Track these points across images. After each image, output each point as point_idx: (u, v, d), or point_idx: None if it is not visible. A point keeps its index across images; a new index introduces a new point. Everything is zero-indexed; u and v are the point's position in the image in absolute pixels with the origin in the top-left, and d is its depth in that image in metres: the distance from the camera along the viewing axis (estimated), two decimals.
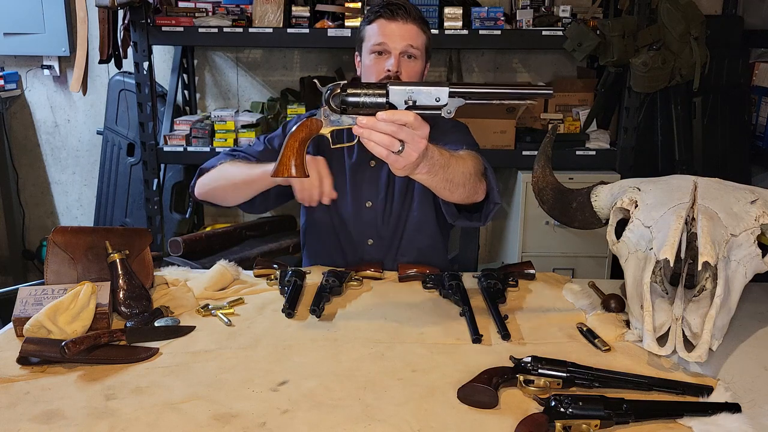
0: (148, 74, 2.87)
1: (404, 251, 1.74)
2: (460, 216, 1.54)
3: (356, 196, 1.72)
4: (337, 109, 1.22)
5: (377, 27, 1.61)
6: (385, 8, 1.61)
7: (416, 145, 1.17)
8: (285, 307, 1.37)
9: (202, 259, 2.43)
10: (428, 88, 1.20)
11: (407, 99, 1.20)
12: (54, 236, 1.41)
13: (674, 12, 2.73)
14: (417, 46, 1.62)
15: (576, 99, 3.13)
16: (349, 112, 1.21)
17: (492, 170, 1.50)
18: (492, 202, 1.49)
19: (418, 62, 1.64)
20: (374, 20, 1.62)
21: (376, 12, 1.63)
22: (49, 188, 3.68)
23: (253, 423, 1.00)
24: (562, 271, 2.26)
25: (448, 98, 1.20)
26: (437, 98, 1.20)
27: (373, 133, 1.16)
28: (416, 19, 1.62)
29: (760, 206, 1.26)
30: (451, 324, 1.35)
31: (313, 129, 1.24)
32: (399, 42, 1.59)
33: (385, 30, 1.60)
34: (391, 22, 1.60)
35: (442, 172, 1.30)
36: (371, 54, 1.62)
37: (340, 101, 1.21)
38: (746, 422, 0.99)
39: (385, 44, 1.60)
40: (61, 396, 1.07)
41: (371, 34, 1.62)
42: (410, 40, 1.60)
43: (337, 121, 1.23)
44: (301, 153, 1.25)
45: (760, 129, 3.12)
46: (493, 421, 1.01)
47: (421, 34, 1.63)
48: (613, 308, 1.38)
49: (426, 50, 1.66)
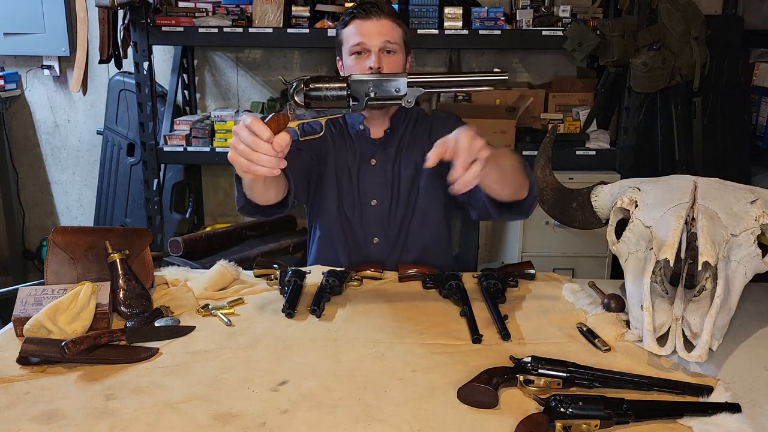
0: (148, 74, 2.87)
1: (410, 248, 1.74)
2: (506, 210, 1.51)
3: (361, 195, 1.72)
4: (302, 104, 1.25)
5: (354, 28, 1.64)
6: (358, 8, 1.64)
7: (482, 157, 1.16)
8: (285, 307, 1.37)
9: (202, 259, 2.43)
10: (388, 79, 1.24)
11: (368, 91, 1.23)
12: (54, 236, 1.41)
13: (674, 12, 2.74)
14: (395, 41, 1.64)
15: (576, 99, 3.13)
16: (313, 106, 1.24)
17: (527, 164, 1.49)
18: (532, 195, 1.48)
19: (398, 56, 1.66)
20: (349, 22, 1.65)
21: (350, 14, 1.66)
22: (49, 188, 3.68)
23: (253, 423, 1.00)
24: (562, 271, 2.26)
25: (407, 88, 1.23)
26: (397, 89, 1.23)
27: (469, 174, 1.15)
28: (389, 14, 1.65)
29: (760, 206, 1.26)
30: (451, 324, 1.35)
31: (281, 123, 1.26)
32: (377, 39, 1.62)
33: (361, 29, 1.63)
34: (366, 21, 1.63)
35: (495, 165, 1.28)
36: (351, 55, 1.65)
37: (303, 96, 1.24)
38: (746, 422, 0.99)
39: (364, 43, 1.62)
40: (61, 396, 1.07)
41: (348, 36, 1.65)
42: (387, 36, 1.63)
43: (302, 115, 1.26)
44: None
45: (760, 129, 3.12)
46: (493, 421, 1.01)
47: (396, 28, 1.66)
48: (613, 308, 1.38)
49: (404, 43, 1.69)
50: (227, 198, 3.62)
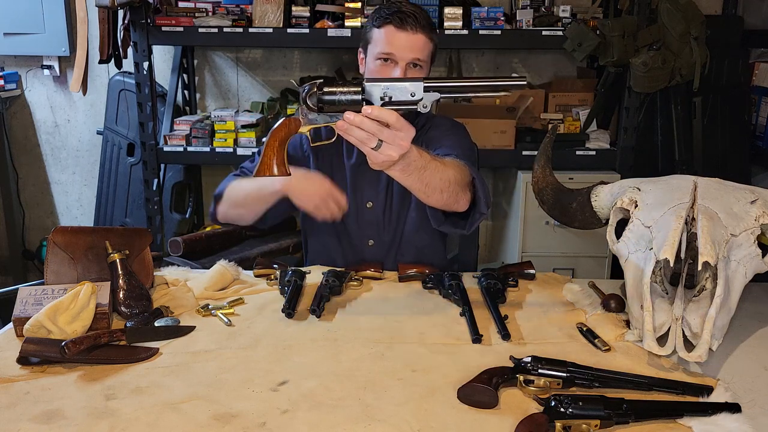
0: (148, 74, 2.87)
1: (403, 251, 1.74)
2: (446, 222, 1.54)
3: (357, 197, 1.72)
4: (314, 108, 1.23)
5: (385, 34, 1.57)
6: (395, 15, 1.57)
7: (397, 147, 1.19)
8: (285, 307, 1.37)
9: (202, 259, 2.43)
10: (403, 83, 1.22)
11: (383, 95, 1.21)
12: (54, 236, 1.41)
13: (674, 12, 2.73)
14: (424, 57, 1.59)
15: (576, 99, 3.13)
16: (326, 111, 1.22)
17: (482, 180, 1.49)
18: (478, 211, 1.48)
19: (423, 71, 1.62)
20: (383, 25, 1.58)
21: (385, 18, 1.58)
22: (49, 188, 3.68)
23: (253, 423, 1.00)
24: (562, 271, 2.26)
25: (423, 93, 1.22)
26: (412, 93, 1.22)
27: (353, 129, 1.17)
28: (425, 27, 1.58)
29: (760, 206, 1.26)
30: (451, 324, 1.35)
31: (292, 128, 1.25)
32: (407, 53, 1.56)
33: (393, 39, 1.56)
34: (400, 31, 1.56)
35: (418, 174, 1.30)
36: (377, 60, 1.59)
37: (316, 100, 1.22)
38: (746, 422, 0.99)
39: (393, 54, 1.56)
40: (61, 396, 1.07)
41: (378, 39, 1.59)
42: (418, 53, 1.57)
43: (314, 120, 1.24)
44: (281, 152, 1.27)
45: (760, 129, 3.12)
46: (493, 421, 1.01)
47: (428, 43, 1.60)
48: (613, 308, 1.38)
49: (432, 56, 1.65)
50: None
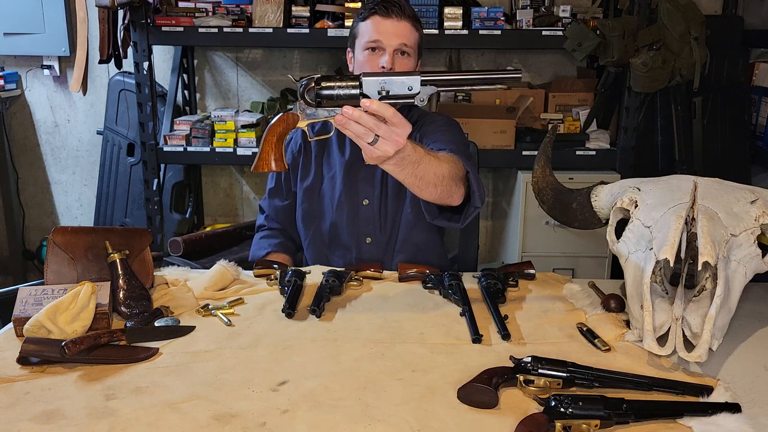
0: (148, 74, 2.87)
1: (401, 248, 1.74)
2: (440, 216, 1.55)
3: (353, 194, 1.72)
4: (312, 103, 1.23)
5: (371, 24, 1.63)
6: (380, 5, 1.63)
7: (393, 143, 1.20)
8: (285, 307, 1.37)
9: (202, 259, 2.42)
10: (401, 77, 1.23)
11: (380, 89, 1.22)
12: (54, 236, 1.41)
13: (674, 12, 2.73)
14: (410, 44, 1.64)
15: (576, 99, 3.13)
16: (324, 105, 1.23)
17: (476, 174, 1.50)
18: (472, 205, 1.49)
19: (411, 59, 1.66)
20: (368, 17, 1.64)
21: (370, 9, 1.65)
22: (49, 188, 3.68)
23: (253, 423, 1.00)
24: (562, 271, 2.26)
25: (420, 86, 1.22)
26: (410, 87, 1.22)
27: (351, 124, 1.18)
28: (410, 16, 1.65)
29: (760, 206, 1.26)
30: (451, 324, 1.35)
31: (289, 123, 1.25)
32: (393, 39, 1.61)
33: (379, 27, 1.62)
34: (386, 19, 1.62)
35: (411, 168, 1.31)
36: (365, 50, 1.64)
37: (314, 94, 1.23)
38: (746, 422, 0.99)
39: (380, 41, 1.61)
40: (61, 396, 1.07)
41: (365, 31, 1.64)
42: (404, 38, 1.62)
43: (312, 114, 1.24)
44: (279, 147, 1.28)
45: (760, 129, 3.12)
46: (493, 421, 1.01)
47: (414, 32, 1.66)
48: (613, 308, 1.38)
49: (418, 47, 1.69)
50: (227, 198, 3.62)
